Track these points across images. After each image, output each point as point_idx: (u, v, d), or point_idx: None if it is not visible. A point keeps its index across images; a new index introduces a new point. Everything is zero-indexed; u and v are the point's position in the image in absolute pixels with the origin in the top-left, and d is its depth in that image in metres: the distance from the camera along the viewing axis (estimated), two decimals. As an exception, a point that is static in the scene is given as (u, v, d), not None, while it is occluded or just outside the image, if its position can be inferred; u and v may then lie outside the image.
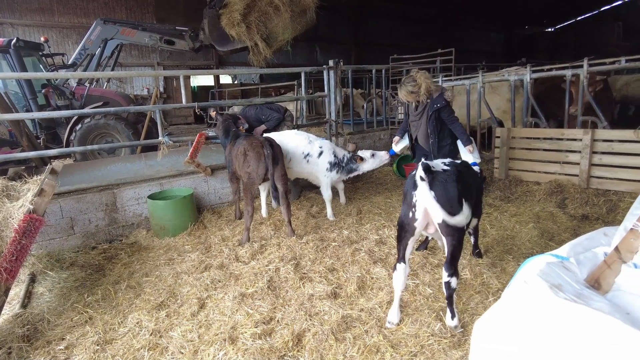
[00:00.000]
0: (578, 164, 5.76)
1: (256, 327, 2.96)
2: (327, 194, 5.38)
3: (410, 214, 2.80)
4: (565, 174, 5.92)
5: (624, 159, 5.40)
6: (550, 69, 7.40)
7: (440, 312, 3.03)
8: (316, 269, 3.85)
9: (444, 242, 2.82)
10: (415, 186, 2.75)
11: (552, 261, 1.55)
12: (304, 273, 3.80)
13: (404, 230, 2.87)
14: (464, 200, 2.79)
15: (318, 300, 3.31)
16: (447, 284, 2.77)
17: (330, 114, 7.43)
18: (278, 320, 3.08)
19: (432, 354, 2.61)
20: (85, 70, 9.56)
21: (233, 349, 2.73)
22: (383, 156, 5.47)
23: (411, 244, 2.90)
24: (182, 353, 2.79)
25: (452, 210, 2.68)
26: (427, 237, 4.11)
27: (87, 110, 7.58)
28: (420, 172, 2.67)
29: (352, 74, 8.38)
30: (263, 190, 5.57)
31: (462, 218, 2.73)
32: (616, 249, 1.57)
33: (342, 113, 7.68)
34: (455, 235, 2.73)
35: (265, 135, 5.27)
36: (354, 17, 24.02)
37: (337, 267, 3.87)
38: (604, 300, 1.31)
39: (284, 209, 4.69)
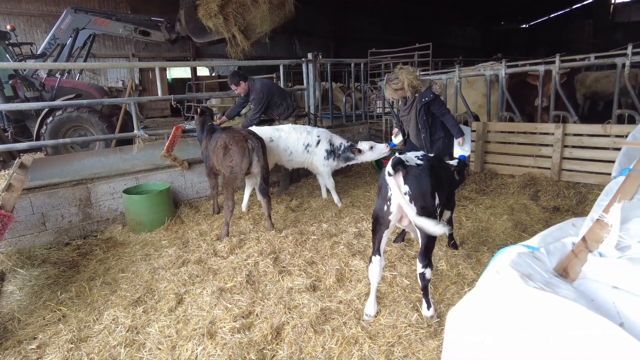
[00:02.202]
0: (550, 157, 5.93)
1: (235, 322, 2.95)
2: (329, 182, 5.54)
3: (385, 207, 2.84)
4: (538, 167, 6.10)
5: (593, 152, 5.59)
6: (525, 65, 7.56)
7: (417, 303, 3.09)
8: (295, 263, 3.85)
9: (417, 234, 2.87)
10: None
11: (523, 251, 1.59)
12: (283, 267, 3.81)
13: (378, 223, 2.91)
14: (436, 193, 2.85)
15: (297, 293, 3.32)
16: (422, 274, 2.83)
17: (310, 108, 7.42)
18: (257, 314, 3.08)
19: (410, 344, 2.65)
20: (55, 60, 9.22)
21: (212, 344, 2.72)
22: (383, 149, 5.49)
23: (386, 236, 2.94)
24: (160, 349, 2.76)
25: (426, 204, 2.73)
26: (403, 229, 4.17)
27: (58, 102, 7.33)
28: (388, 167, 2.72)
29: (331, 67, 8.37)
30: (249, 185, 5.52)
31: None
32: (583, 238, 1.63)
33: (321, 107, 7.68)
34: None
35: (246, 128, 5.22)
36: (334, 10, 23.95)
37: (316, 260, 3.89)
38: (571, 287, 1.36)
39: (264, 203, 4.67)
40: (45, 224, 4.74)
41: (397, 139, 5.27)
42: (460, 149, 4.60)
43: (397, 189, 2.71)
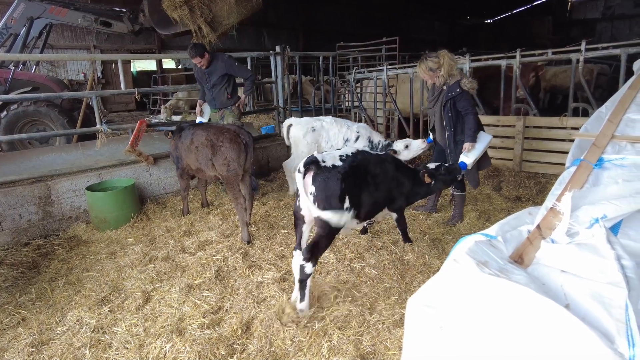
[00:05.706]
0: (512, 148, 6.16)
1: (204, 318, 2.93)
2: None
3: (297, 203, 2.92)
4: (501, 159, 6.33)
5: (551, 144, 5.85)
6: (488, 59, 7.78)
7: (384, 293, 3.16)
8: (265, 257, 3.86)
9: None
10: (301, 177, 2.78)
11: (480, 240, 1.66)
12: (253, 261, 3.80)
13: (296, 218, 2.98)
14: (348, 197, 2.82)
15: (266, 287, 3.33)
16: (302, 267, 2.79)
17: (279, 101, 7.39)
18: (226, 310, 3.07)
19: (377, 333, 2.72)
20: (8, 51, 8.72)
21: (180, 341, 2.69)
22: (419, 145, 4.94)
23: (307, 231, 3.00)
24: (127, 348, 2.71)
25: (327, 207, 2.74)
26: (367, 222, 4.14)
27: (13, 95, 6.98)
28: (300, 165, 2.75)
29: (300, 60, 8.34)
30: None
31: (336, 217, 2.73)
32: (538, 226, 1.72)
33: (290, 100, 7.65)
34: (326, 229, 2.79)
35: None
36: (303, 3, 23.79)
37: (287, 254, 3.90)
38: (524, 273, 1.44)
39: (249, 202, 4.42)
40: (1, 224, 4.52)
41: None
42: (464, 155, 4.06)
43: (303, 188, 2.75)
